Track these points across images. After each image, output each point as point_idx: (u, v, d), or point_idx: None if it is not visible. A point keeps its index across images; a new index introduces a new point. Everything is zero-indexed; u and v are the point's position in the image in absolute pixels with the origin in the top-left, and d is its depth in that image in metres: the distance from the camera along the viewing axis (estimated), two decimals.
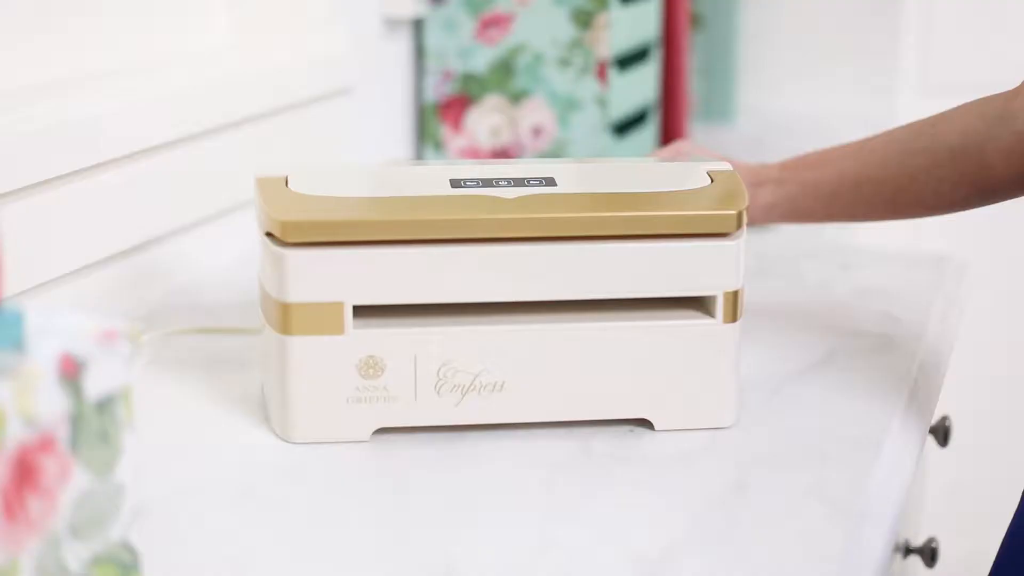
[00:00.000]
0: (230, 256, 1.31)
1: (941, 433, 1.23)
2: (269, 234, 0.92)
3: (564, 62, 1.63)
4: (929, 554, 1.22)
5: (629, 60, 1.72)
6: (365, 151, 1.55)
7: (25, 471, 0.61)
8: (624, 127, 1.70)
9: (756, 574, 0.79)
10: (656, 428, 0.96)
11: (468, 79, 1.65)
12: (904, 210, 1.07)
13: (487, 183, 0.95)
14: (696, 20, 2.12)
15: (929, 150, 1.03)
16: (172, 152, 1.22)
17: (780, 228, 1.55)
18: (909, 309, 1.21)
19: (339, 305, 0.91)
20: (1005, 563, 1.03)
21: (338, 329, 0.92)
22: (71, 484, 0.64)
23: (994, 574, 1.04)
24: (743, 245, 0.95)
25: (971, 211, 1.05)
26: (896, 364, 1.08)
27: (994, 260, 2.12)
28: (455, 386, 0.93)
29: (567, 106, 1.64)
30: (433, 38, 1.65)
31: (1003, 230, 2.16)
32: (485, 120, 1.65)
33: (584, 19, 1.62)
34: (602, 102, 1.63)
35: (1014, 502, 1.06)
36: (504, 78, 1.64)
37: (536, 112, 1.64)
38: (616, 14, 1.62)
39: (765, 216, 1.13)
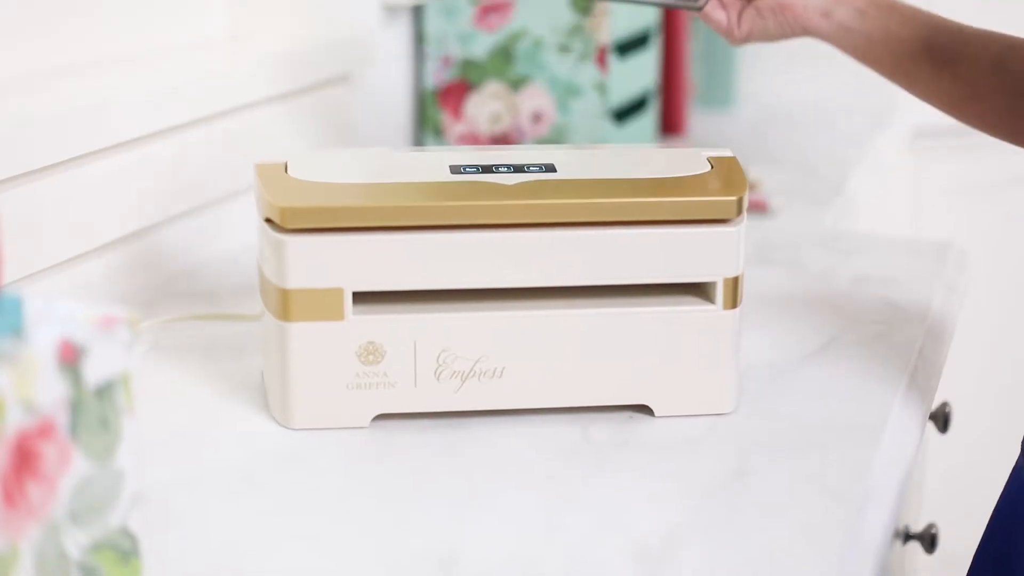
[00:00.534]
0: (230, 242, 1.31)
1: (941, 419, 1.23)
2: (268, 220, 0.92)
3: (564, 48, 1.63)
4: (929, 540, 1.23)
5: (629, 46, 1.71)
6: (365, 137, 1.55)
7: (25, 457, 0.61)
8: (624, 113, 1.70)
9: (756, 560, 0.79)
10: (656, 414, 0.96)
11: (468, 65, 1.65)
12: (968, 118, 1.01)
13: (487, 169, 0.95)
14: None
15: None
16: (172, 139, 1.22)
17: (780, 215, 1.55)
18: (910, 296, 1.21)
19: (339, 291, 0.91)
20: (987, 540, 1.04)
21: (338, 315, 0.91)
22: (71, 470, 0.64)
23: (979, 552, 1.04)
24: (743, 231, 0.94)
25: (970, 202, 1.04)
26: (896, 351, 1.08)
27: (995, 247, 2.12)
28: (455, 372, 0.93)
29: (567, 92, 1.64)
30: (433, 24, 1.64)
31: (1004, 218, 2.16)
32: (485, 106, 1.65)
33: (584, 5, 1.61)
34: (602, 88, 1.63)
35: None
36: (504, 64, 1.64)
37: (536, 98, 1.64)
38: None
39: (838, 38, 1.06)
